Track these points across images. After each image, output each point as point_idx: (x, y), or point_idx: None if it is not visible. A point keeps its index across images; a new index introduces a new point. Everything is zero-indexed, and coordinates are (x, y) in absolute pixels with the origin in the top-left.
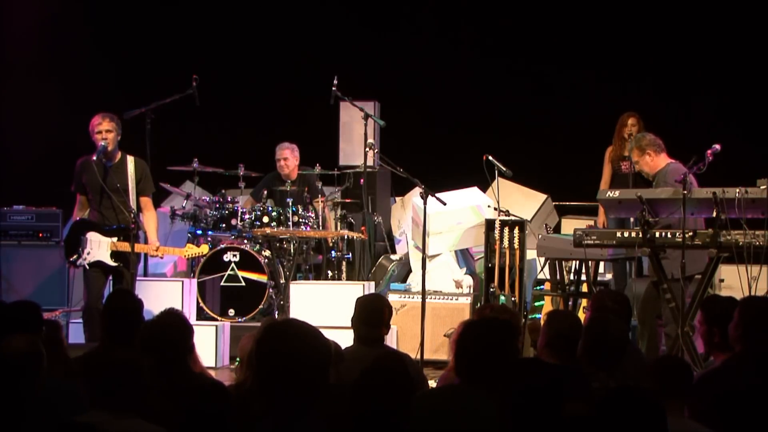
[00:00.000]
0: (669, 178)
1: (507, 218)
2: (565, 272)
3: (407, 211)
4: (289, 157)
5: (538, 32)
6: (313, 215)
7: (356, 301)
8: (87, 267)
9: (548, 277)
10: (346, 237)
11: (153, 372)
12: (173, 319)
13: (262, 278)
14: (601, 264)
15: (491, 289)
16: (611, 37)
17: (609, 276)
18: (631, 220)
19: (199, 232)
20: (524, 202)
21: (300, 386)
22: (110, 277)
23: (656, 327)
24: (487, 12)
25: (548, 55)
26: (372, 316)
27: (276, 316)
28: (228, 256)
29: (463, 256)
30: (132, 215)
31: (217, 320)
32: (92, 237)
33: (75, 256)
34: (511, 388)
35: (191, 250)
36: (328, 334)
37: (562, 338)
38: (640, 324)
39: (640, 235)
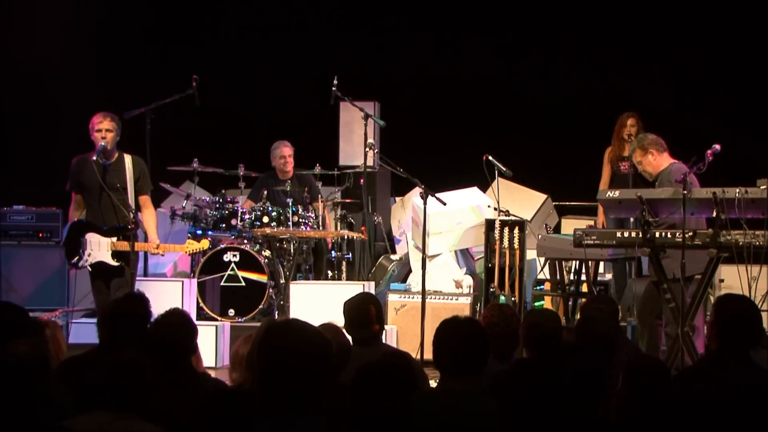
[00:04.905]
0: (672, 178)
1: (507, 218)
2: (565, 272)
3: (407, 211)
4: (291, 155)
5: (537, 32)
6: (313, 215)
7: (343, 306)
8: (90, 269)
9: (548, 277)
10: (346, 237)
11: (157, 372)
12: (178, 319)
13: (262, 278)
14: (601, 264)
15: (491, 289)
16: (611, 37)
17: (609, 276)
18: (631, 220)
19: (199, 232)
20: (524, 202)
21: (301, 385)
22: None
23: (656, 326)
24: (486, 12)
25: (548, 55)
26: (359, 317)
27: (276, 316)
28: (228, 256)
29: (463, 256)
30: (131, 214)
31: (217, 320)
32: (92, 238)
33: (76, 258)
34: (510, 388)
35: (192, 246)
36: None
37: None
38: (640, 323)
39: (640, 235)
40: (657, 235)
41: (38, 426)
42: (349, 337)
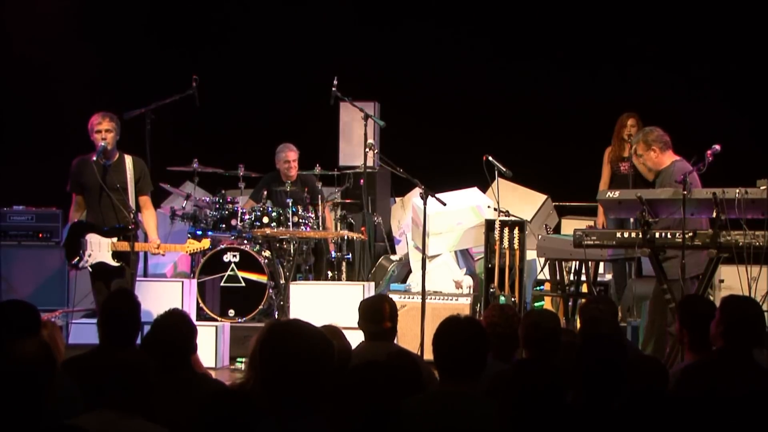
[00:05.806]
0: (674, 178)
1: (507, 218)
2: (565, 272)
3: (407, 212)
4: (296, 159)
5: (537, 32)
6: (312, 216)
7: (359, 304)
8: (90, 270)
9: (548, 277)
10: (346, 237)
11: (157, 372)
12: (178, 319)
13: (262, 278)
14: (601, 264)
15: (491, 290)
16: (611, 36)
17: (609, 276)
18: (631, 220)
19: (199, 232)
20: (524, 202)
21: (303, 386)
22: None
23: (665, 327)
24: (486, 12)
25: (548, 55)
26: (373, 314)
27: (276, 316)
28: (228, 257)
29: (463, 257)
30: (131, 214)
31: (217, 321)
32: (92, 239)
33: (77, 259)
34: (510, 389)
35: (192, 245)
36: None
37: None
38: (649, 324)
39: (640, 236)
40: (657, 235)
41: (45, 425)
42: (361, 333)
